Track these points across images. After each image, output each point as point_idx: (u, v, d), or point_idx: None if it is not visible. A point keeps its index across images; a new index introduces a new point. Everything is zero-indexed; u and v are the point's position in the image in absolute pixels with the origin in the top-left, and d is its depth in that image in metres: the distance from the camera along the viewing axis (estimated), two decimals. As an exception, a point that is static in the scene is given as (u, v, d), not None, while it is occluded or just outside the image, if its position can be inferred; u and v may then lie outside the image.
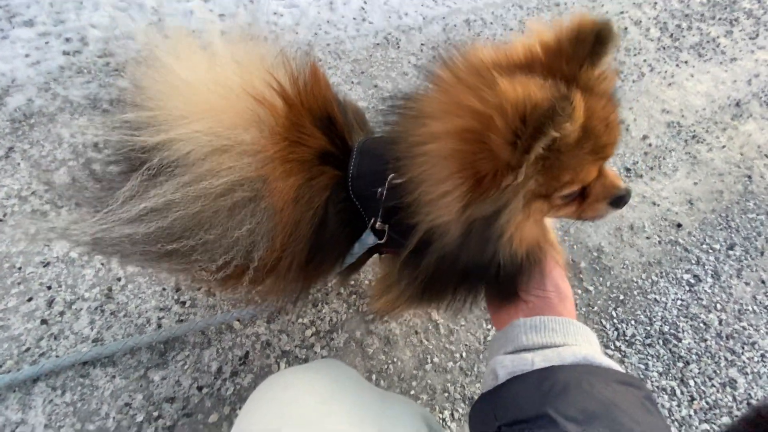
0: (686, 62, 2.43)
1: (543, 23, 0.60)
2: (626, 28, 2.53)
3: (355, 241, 0.76)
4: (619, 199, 0.65)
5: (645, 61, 2.37)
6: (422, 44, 2.11)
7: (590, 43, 0.55)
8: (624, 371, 0.56)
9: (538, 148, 0.49)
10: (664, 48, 2.48)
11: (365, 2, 2.20)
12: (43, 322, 1.09)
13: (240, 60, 0.68)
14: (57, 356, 1.04)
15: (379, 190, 0.68)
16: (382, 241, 0.73)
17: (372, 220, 0.72)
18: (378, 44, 2.05)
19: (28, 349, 1.05)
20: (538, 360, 0.56)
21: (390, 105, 0.69)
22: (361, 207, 0.73)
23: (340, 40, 2.01)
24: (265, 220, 0.66)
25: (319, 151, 0.70)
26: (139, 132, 0.63)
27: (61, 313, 1.11)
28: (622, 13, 2.64)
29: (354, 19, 2.11)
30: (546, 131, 0.47)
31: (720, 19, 2.83)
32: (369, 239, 0.74)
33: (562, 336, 0.60)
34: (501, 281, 0.66)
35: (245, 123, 0.65)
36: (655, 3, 2.80)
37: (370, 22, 2.12)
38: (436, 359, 1.21)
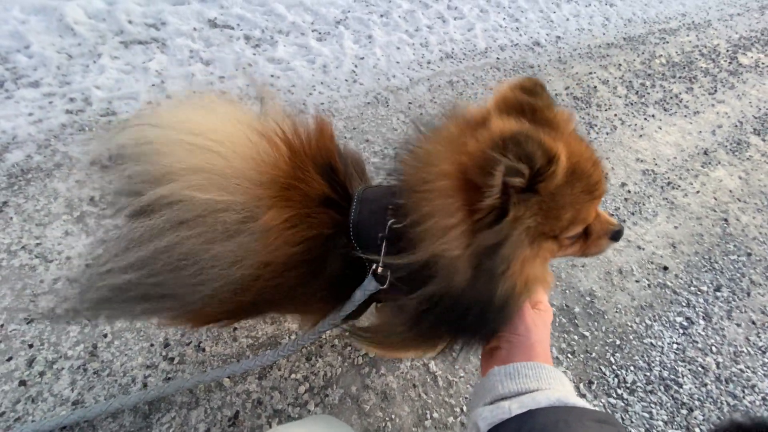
0: (653, 116, 2.63)
1: (501, 85, 0.72)
2: (595, 87, 2.76)
3: (354, 289, 0.77)
4: (617, 233, 0.73)
5: (615, 115, 2.55)
6: (410, 103, 2.25)
7: (539, 92, 0.67)
8: (598, 409, 0.57)
9: (498, 172, 0.55)
10: (631, 104, 2.69)
11: (356, 66, 2.37)
12: (22, 383, 1.03)
13: (244, 113, 0.73)
14: (33, 421, 0.97)
15: (380, 235, 0.71)
16: (384, 286, 0.74)
17: (374, 265, 0.73)
18: (368, 103, 2.18)
19: (2, 414, 0.98)
20: (515, 407, 0.57)
21: (394, 154, 0.74)
22: (362, 252, 0.75)
23: (333, 100, 2.13)
24: (253, 240, 0.67)
25: (321, 196, 0.74)
26: (144, 180, 0.66)
27: (41, 374, 1.06)
28: (590, 73, 2.89)
29: (346, 80, 2.26)
30: (502, 159, 0.53)
31: (680, 77, 3.11)
32: (370, 285, 0.74)
33: (536, 381, 0.62)
34: (487, 326, 0.68)
35: (248, 160, 0.68)
36: (620, 65, 3.08)
37: (360, 84, 2.27)
38: (435, 414, 1.17)
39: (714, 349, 1.50)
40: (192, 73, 2.00)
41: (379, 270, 0.73)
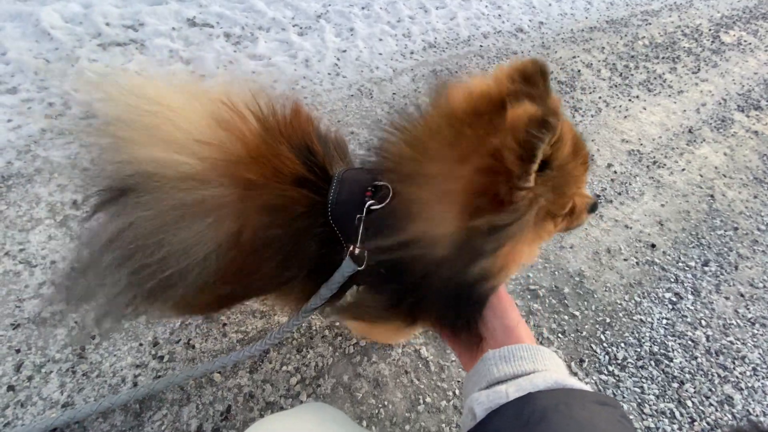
0: (637, 97, 2.64)
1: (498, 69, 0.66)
2: (579, 71, 2.76)
3: (332, 270, 0.76)
4: (595, 205, 0.75)
5: (600, 98, 2.56)
6: (394, 94, 2.25)
7: (540, 78, 0.62)
8: (596, 391, 0.57)
9: (539, 154, 0.52)
10: (615, 86, 2.70)
11: (338, 59, 2.36)
12: (10, 388, 1.03)
13: (216, 94, 0.73)
14: (23, 424, 0.96)
15: (358, 215, 0.70)
16: (362, 267, 0.73)
17: (351, 246, 0.73)
18: (352, 95, 2.17)
19: (-10, 420, 0.98)
20: (512, 390, 0.56)
21: (376, 136, 0.72)
22: (340, 233, 0.74)
23: (316, 93, 2.12)
24: (225, 193, 0.67)
25: (294, 175, 0.72)
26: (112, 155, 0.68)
27: (30, 378, 1.05)
28: (573, 57, 2.89)
29: (329, 74, 2.25)
30: (543, 137, 0.51)
31: (663, 57, 3.12)
32: (349, 267, 0.74)
33: (531, 363, 0.61)
34: (460, 313, 0.67)
35: (214, 133, 0.67)
36: (603, 48, 3.08)
37: (343, 76, 2.26)
38: (428, 399, 1.17)
39: (703, 322, 1.51)
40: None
41: (357, 251, 0.72)
